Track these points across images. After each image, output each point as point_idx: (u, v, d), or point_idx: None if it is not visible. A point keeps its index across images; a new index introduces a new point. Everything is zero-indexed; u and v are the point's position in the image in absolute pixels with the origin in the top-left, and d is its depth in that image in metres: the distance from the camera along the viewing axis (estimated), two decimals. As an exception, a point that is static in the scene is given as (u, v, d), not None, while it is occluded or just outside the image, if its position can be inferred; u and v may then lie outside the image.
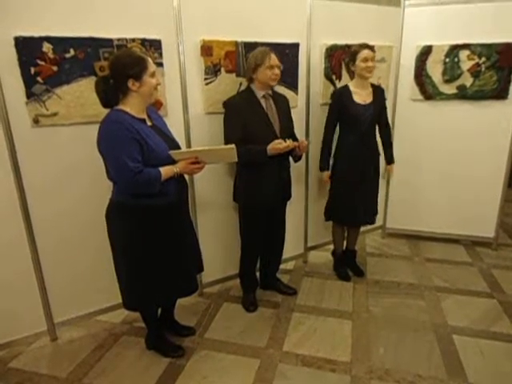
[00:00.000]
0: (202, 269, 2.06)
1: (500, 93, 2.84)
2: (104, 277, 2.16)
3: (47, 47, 1.81)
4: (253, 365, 1.98)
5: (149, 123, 1.73)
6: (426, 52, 2.90)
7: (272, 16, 2.39)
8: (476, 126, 2.96)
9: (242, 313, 2.42)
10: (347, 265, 2.86)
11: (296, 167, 2.49)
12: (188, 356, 2.04)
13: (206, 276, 2.54)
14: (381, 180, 2.74)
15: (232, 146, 1.78)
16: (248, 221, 2.33)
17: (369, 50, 2.34)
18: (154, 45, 2.04)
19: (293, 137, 2.29)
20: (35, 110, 1.87)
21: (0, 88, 1.78)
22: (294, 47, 2.50)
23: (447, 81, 2.92)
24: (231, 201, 2.40)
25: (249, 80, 2.17)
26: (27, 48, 1.77)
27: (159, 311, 2.10)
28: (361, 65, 2.35)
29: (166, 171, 1.68)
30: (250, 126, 2.09)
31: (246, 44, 2.29)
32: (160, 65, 2.06)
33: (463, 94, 2.92)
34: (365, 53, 2.33)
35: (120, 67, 1.60)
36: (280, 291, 2.61)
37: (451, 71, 2.89)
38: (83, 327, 2.27)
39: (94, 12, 1.89)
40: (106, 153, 1.63)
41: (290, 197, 2.41)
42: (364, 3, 2.75)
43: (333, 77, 2.77)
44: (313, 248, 3.14)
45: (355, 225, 2.76)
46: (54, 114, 1.91)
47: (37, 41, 1.79)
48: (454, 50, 2.85)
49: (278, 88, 2.31)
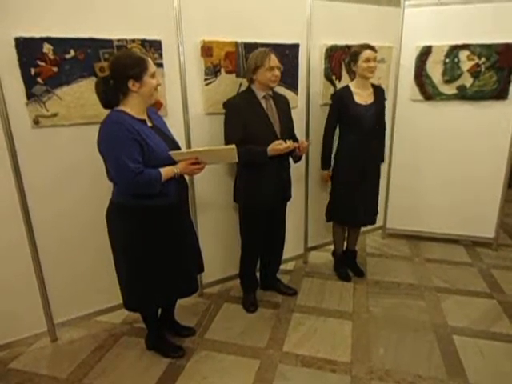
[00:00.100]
0: (203, 269, 2.07)
1: (500, 93, 2.85)
2: (104, 277, 2.17)
3: (47, 48, 1.82)
4: (253, 365, 1.98)
5: (149, 124, 1.74)
6: (426, 52, 2.91)
7: (272, 17, 2.39)
8: (476, 127, 2.96)
9: (242, 313, 2.42)
10: (347, 265, 2.86)
11: (296, 168, 2.49)
12: (188, 356, 2.04)
13: (206, 276, 2.54)
14: (381, 180, 2.74)
15: (232, 147, 1.78)
16: (248, 221, 2.33)
17: (371, 51, 2.34)
18: (154, 45, 2.05)
19: (293, 137, 2.30)
20: (35, 111, 1.87)
21: (0, 89, 1.78)
22: (294, 48, 2.50)
23: (447, 81, 2.92)
24: (231, 201, 2.40)
25: (249, 81, 2.17)
26: (27, 49, 1.78)
27: (159, 312, 2.10)
28: (363, 65, 2.35)
29: (167, 172, 1.68)
30: (251, 127, 2.10)
31: (246, 45, 2.29)
32: (160, 65, 2.06)
33: (463, 95, 2.92)
34: (367, 53, 2.33)
35: (120, 68, 1.60)
36: (280, 292, 2.61)
37: (451, 71, 2.89)
38: (83, 328, 2.27)
39: (94, 13, 1.90)
40: (107, 153, 1.63)
41: (290, 197, 2.41)
42: (364, 3, 2.76)
43: (333, 77, 2.77)
44: (313, 248, 3.14)
45: (356, 225, 2.76)
46: (54, 115, 1.91)
47: (37, 41, 1.79)
48: (454, 51, 2.85)
49: (278, 88, 2.31)
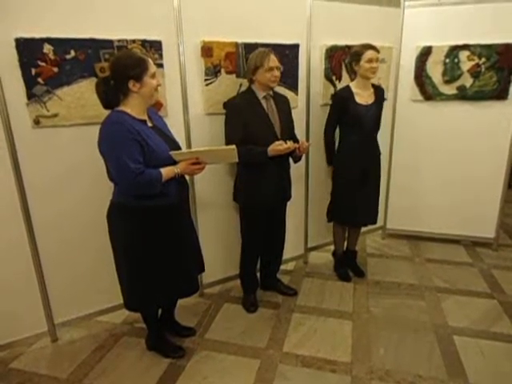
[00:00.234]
0: (203, 269, 2.07)
1: (500, 93, 2.85)
2: (104, 277, 2.17)
3: (48, 48, 1.82)
4: (253, 365, 1.98)
5: (149, 124, 1.74)
6: (426, 53, 2.91)
7: (272, 17, 2.39)
8: (476, 127, 2.96)
9: (243, 313, 2.42)
10: (348, 265, 2.86)
11: (296, 168, 2.49)
12: (188, 357, 2.04)
13: (207, 276, 2.54)
14: (381, 180, 2.74)
15: (233, 147, 1.78)
16: (248, 221, 2.33)
17: (374, 51, 2.34)
18: (155, 46, 2.05)
19: (293, 137, 2.30)
20: (36, 111, 1.87)
21: (1, 89, 1.78)
22: (294, 48, 2.50)
23: (447, 81, 2.92)
24: (232, 201, 2.40)
25: (249, 81, 2.17)
26: (28, 49, 1.78)
27: (160, 312, 2.10)
28: (365, 65, 2.35)
29: (167, 172, 1.68)
30: (251, 127, 2.10)
31: (246, 45, 2.29)
32: (160, 66, 2.06)
33: (463, 95, 2.92)
34: (370, 53, 2.33)
35: (121, 68, 1.61)
36: (280, 292, 2.61)
37: (451, 72, 2.89)
38: (84, 328, 2.27)
39: (95, 13, 1.90)
40: (107, 154, 1.63)
41: (290, 197, 2.41)
42: (364, 4, 2.76)
43: (333, 77, 2.77)
44: (313, 249, 3.14)
45: (357, 225, 2.76)
46: (55, 115, 1.91)
47: (37, 42, 1.79)
48: (454, 51, 2.85)
49: (278, 88, 2.31)
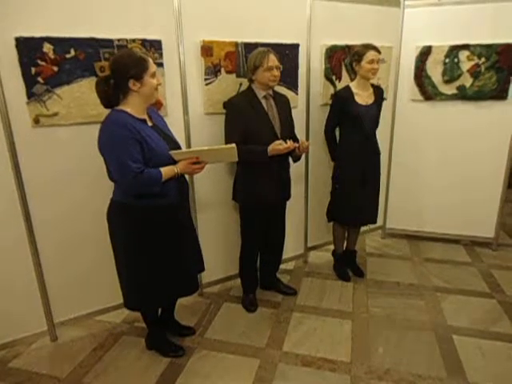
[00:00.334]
0: (203, 268, 2.06)
1: (499, 93, 2.85)
2: (104, 277, 2.17)
3: (48, 47, 1.82)
4: (253, 365, 1.98)
5: (149, 123, 1.74)
6: (426, 52, 2.91)
7: (272, 17, 2.39)
8: (475, 127, 2.96)
9: (242, 313, 2.42)
10: (347, 265, 2.86)
11: (296, 167, 2.50)
12: (188, 356, 2.04)
13: (207, 276, 2.54)
14: (381, 180, 2.74)
15: (233, 146, 1.78)
16: (247, 220, 2.33)
17: (375, 52, 2.33)
18: (155, 45, 2.05)
19: (294, 137, 2.30)
20: (36, 110, 1.87)
21: (1, 88, 1.78)
22: (294, 48, 2.50)
23: (447, 81, 2.92)
24: (231, 200, 2.40)
25: (249, 80, 2.17)
26: (28, 48, 1.78)
27: (159, 311, 2.10)
28: (366, 66, 2.34)
29: (167, 171, 1.68)
30: (251, 126, 2.10)
31: (246, 44, 2.29)
32: (160, 65, 2.06)
33: (463, 95, 2.92)
34: (372, 54, 2.32)
35: (121, 67, 1.61)
36: (280, 291, 2.61)
37: (451, 72, 2.89)
38: (83, 327, 2.27)
39: (95, 12, 1.90)
40: (107, 153, 1.63)
41: (290, 197, 2.41)
42: (364, 4, 2.76)
43: (333, 77, 2.77)
44: (313, 248, 3.14)
45: (357, 225, 2.77)
46: (55, 114, 1.91)
47: (37, 41, 1.79)
48: (454, 51, 2.85)
49: (278, 88, 2.31)
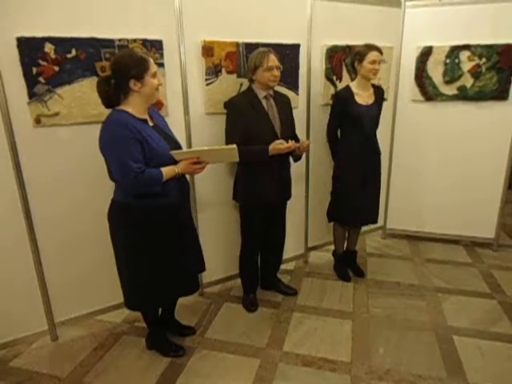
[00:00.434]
0: (204, 268, 2.06)
1: (500, 94, 2.85)
2: (105, 276, 2.17)
3: (49, 47, 1.82)
4: (253, 364, 1.98)
5: (150, 123, 1.74)
6: (427, 53, 2.91)
7: (273, 17, 2.39)
8: (476, 127, 2.96)
9: (243, 313, 2.42)
10: (348, 265, 2.86)
11: (296, 167, 2.50)
12: (188, 356, 2.05)
13: (207, 276, 2.55)
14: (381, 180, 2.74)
15: (233, 146, 1.78)
16: (248, 220, 2.33)
17: (378, 53, 2.33)
18: (156, 45, 2.05)
19: (295, 137, 2.30)
20: (37, 110, 1.87)
21: (2, 88, 1.78)
22: (295, 48, 2.51)
23: (448, 82, 2.92)
24: (232, 200, 2.40)
25: (250, 81, 2.18)
26: (29, 48, 1.78)
27: (160, 311, 2.10)
28: (368, 66, 2.34)
29: (168, 171, 1.68)
30: (252, 126, 2.10)
31: (247, 45, 2.29)
32: (161, 65, 2.06)
33: (464, 95, 2.92)
34: (374, 55, 2.32)
35: (122, 67, 1.61)
36: (280, 291, 2.61)
37: (452, 72, 2.89)
38: (84, 327, 2.27)
39: (96, 12, 1.90)
40: (108, 153, 1.63)
41: (290, 196, 2.41)
42: (364, 4, 2.76)
43: (333, 77, 2.77)
44: (313, 248, 3.14)
45: (358, 225, 2.77)
46: (56, 114, 1.92)
47: (39, 41, 1.79)
48: (455, 51, 2.85)
49: (279, 88, 2.31)
